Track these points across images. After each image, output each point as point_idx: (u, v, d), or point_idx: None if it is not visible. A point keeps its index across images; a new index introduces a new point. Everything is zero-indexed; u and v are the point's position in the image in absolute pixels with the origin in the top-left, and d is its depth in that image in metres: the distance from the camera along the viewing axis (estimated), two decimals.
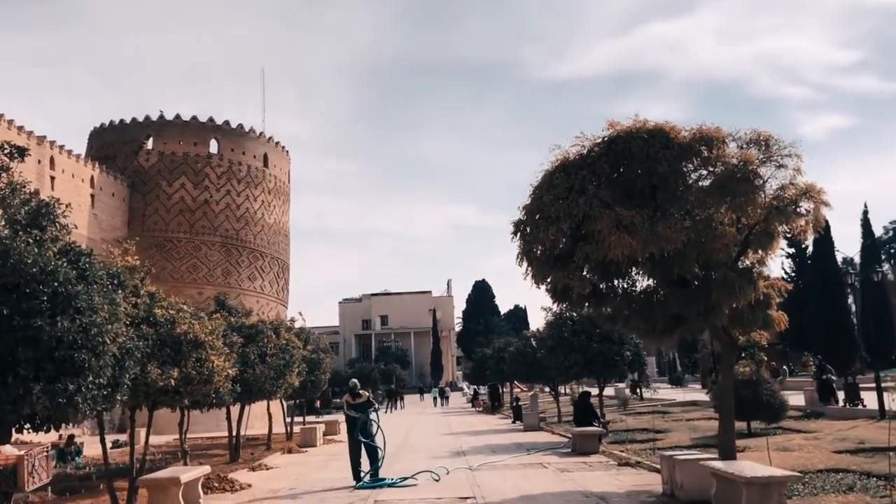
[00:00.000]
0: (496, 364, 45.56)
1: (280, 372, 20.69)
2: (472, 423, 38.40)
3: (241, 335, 20.19)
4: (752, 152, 11.87)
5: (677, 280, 12.61)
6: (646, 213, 11.61)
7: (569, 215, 11.84)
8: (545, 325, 26.93)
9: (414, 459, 19.97)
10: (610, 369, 24.93)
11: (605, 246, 11.53)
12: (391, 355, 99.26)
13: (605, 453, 18.97)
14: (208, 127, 48.26)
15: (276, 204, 51.16)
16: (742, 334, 14.19)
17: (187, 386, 13.46)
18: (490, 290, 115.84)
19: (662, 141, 11.90)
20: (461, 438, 26.91)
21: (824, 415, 25.16)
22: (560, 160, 12.46)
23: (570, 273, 12.35)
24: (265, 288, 49.49)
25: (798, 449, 16.92)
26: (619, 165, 12.18)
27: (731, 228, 11.87)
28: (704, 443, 19.67)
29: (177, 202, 46.64)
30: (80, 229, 40.76)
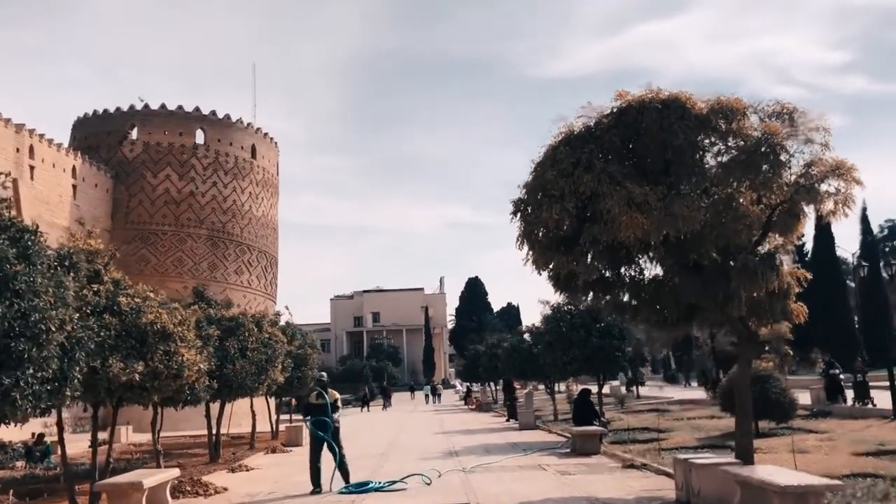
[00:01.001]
0: (489, 361, 44.45)
1: (262, 367, 19.50)
2: (465, 421, 37.26)
3: (221, 328, 19.03)
4: (777, 125, 10.73)
5: (692, 266, 11.48)
6: (660, 190, 10.48)
7: (574, 193, 10.70)
8: (542, 320, 25.79)
9: (404, 460, 18.81)
10: (610, 365, 23.83)
11: (615, 227, 10.39)
12: (383, 352, 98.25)
13: (607, 454, 17.85)
14: (194, 117, 46.95)
15: (264, 196, 49.89)
16: (759, 326, 13.04)
17: (154, 381, 12.28)
18: (483, 288, 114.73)
19: (678, 112, 10.76)
20: (454, 438, 25.76)
21: (832, 414, 24.10)
22: (564, 133, 11.31)
23: (576, 257, 11.20)
24: (252, 282, 48.24)
25: (814, 451, 15.83)
26: (629, 139, 11.04)
27: (755, 208, 10.71)
28: (711, 443, 18.60)
29: (161, 194, 45.36)
30: (61, 220, 39.55)
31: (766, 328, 12.70)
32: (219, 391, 18.41)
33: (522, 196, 11.49)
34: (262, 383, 19.85)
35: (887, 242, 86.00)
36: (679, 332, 14.11)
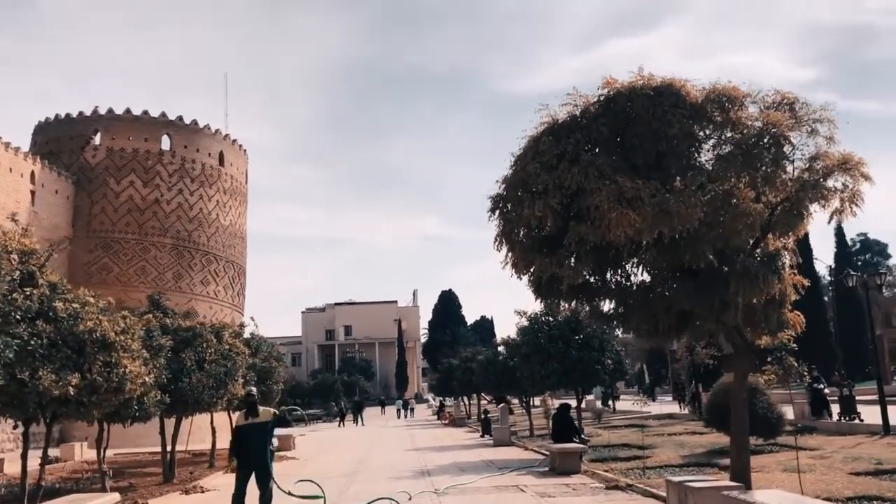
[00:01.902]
0: (463, 375, 43.34)
1: (221, 381, 18.26)
2: (438, 437, 36.09)
3: (177, 339, 17.80)
4: (780, 114, 9.81)
5: (686, 270, 10.51)
6: (652, 185, 9.48)
7: (559, 188, 9.68)
8: (518, 331, 24.73)
9: (371, 481, 17.64)
10: (590, 378, 22.83)
11: (604, 225, 9.38)
12: (355, 366, 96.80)
13: (588, 473, 16.82)
14: (160, 122, 45.52)
15: (231, 205, 48.48)
16: (754, 336, 12.08)
17: (92, 395, 11.07)
18: (456, 301, 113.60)
19: (672, 99, 9.80)
20: (426, 455, 24.59)
21: (817, 429, 23.26)
22: (548, 123, 10.29)
23: (560, 260, 10.16)
24: (219, 293, 46.76)
25: (809, 470, 14.87)
26: (619, 128, 10.05)
27: (758, 205, 9.75)
28: (697, 461, 17.66)
29: (125, 201, 43.82)
30: (17, 228, 37.93)
31: (761, 338, 11.71)
32: (173, 406, 17.20)
33: (501, 192, 10.46)
34: (220, 398, 18.59)
35: (860, 256, 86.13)
36: (669, 342, 13.13)
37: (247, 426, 11.54)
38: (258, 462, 11.37)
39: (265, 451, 11.48)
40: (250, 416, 11.59)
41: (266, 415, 11.76)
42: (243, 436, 11.50)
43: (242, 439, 11.49)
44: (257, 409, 11.75)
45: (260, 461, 11.38)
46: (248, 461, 11.39)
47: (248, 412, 11.71)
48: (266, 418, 11.67)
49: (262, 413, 11.72)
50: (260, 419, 11.60)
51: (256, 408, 11.74)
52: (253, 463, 11.36)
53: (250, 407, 11.75)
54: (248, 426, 11.53)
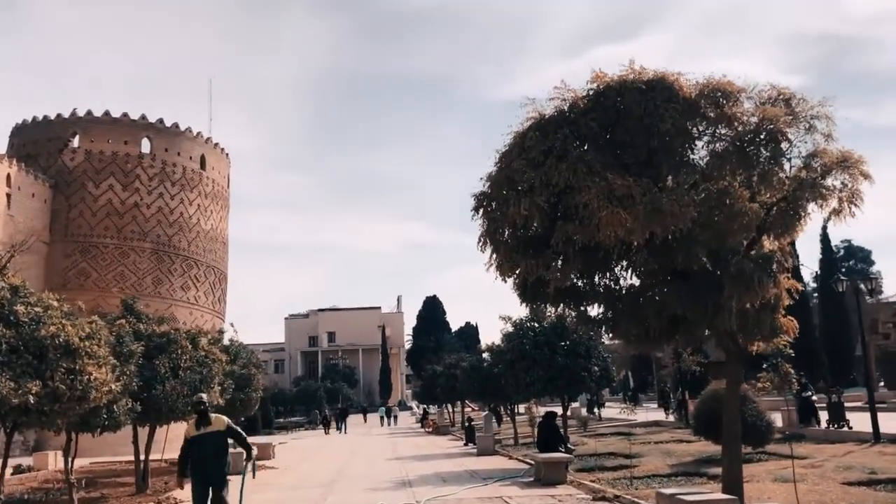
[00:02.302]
0: (447, 382, 42.78)
1: (196, 388, 17.64)
2: (421, 445, 35.51)
3: (151, 344, 17.20)
4: (777, 109, 9.40)
5: (678, 273, 10.08)
6: (644, 183, 9.06)
7: (546, 185, 9.23)
8: (503, 337, 24.24)
9: (350, 491, 17.12)
10: (576, 386, 22.37)
11: (593, 224, 8.94)
12: (338, 373, 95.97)
13: (575, 484, 16.34)
14: (140, 125, 44.76)
15: (213, 209, 47.76)
16: (747, 343, 11.64)
17: (54, 404, 10.49)
18: (441, 307, 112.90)
19: (664, 93, 9.39)
20: (407, 464, 24.04)
21: (806, 437, 22.90)
22: (534, 119, 9.84)
23: (546, 261, 9.70)
24: (200, 298, 46.00)
25: (801, 480, 14.42)
26: (609, 124, 9.62)
27: (754, 205, 9.33)
28: (685, 470, 17.25)
29: (104, 205, 43.02)
30: None
31: (755, 345, 11.29)
32: (145, 415, 16.58)
33: (485, 190, 9.99)
34: None
35: (844, 262, 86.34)
36: (660, 348, 12.65)
37: (199, 437, 10.39)
38: (214, 476, 10.29)
39: (222, 463, 10.42)
40: (202, 426, 10.43)
41: (219, 423, 10.58)
42: (195, 448, 10.38)
43: (195, 452, 10.40)
44: (209, 417, 10.59)
45: (216, 475, 10.32)
46: (204, 476, 10.30)
47: (199, 421, 10.52)
48: (219, 427, 10.51)
49: (214, 421, 10.57)
50: (213, 428, 10.46)
51: (208, 416, 10.60)
52: (209, 477, 10.27)
53: (201, 416, 10.55)
54: (200, 437, 10.39)
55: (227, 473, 10.51)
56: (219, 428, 10.50)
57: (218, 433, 10.46)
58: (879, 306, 54.66)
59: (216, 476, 10.29)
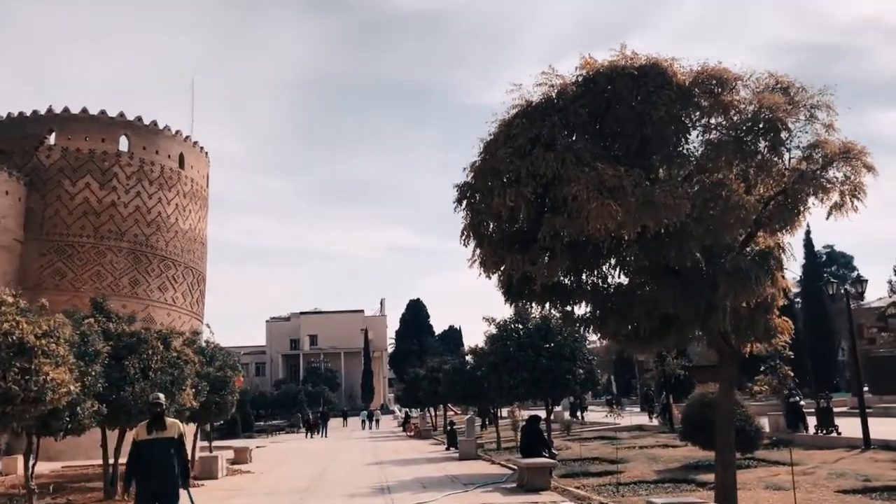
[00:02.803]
0: (430, 385, 42.17)
1: (167, 390, 16.97)
2: (402, 449, 34.91)
3: (121, 344, 16.54)
4: (776, 96, 8.92)
5: (669, 269, 9.57)
6: (636, 174, 8.54)
7: (532, 176, 8.70)
8: (486, 339, 23.67)
9: (326, 498, 16.51)
10: (561, 389, 21.82)
11: (583, 217, 8.40)
12: (320, 376, 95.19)
13: (559, 490, 15.81)
14: (118, 122, 43.75)
15: (192, 208, 46.84)
16: (740, 344, 11.13)
17: (7, 405, 9.84)
18: (425, 310, 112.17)
19: (658, 80, 8.88)
20: (388, 469, 23.44)
21: (794, 443, 22.44)
22: (521, 106, 9.30)
23: (533, 257, 9.14)
24: (178, 299, 45.04)
25: (794, 487, 13.99)
26: (599, 112, 9.10)
27: (751, 197, 8.83)
28: (672, 476, 16.77)
29: (80, 203, 41.97)
30: None
31: (749, 346, 10.80)
32: (114, 417, 15.92)
33: (469, 180, 9.44)
34: (166, 409, 17.25)
35: (826, 268, 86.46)
36: (651, 349, 12.15)
37: (149, 442, 9.30)
38: (164, 487, 9.20)
39: (173, 473, 9.28)
40: (155, 430, 9.36)
41: (173, 429, 9.52)
42: (145, 454, 9.28)
43: (144, 458, 9.28)
44: (164, 421, 9.52)
45: (166, 487, 9.21)
46: (151, 486, 9.21)
47: (151, 425, 9.44)
48: (173, 433, 9.45)
49: (169, 426, 9.51)
50: (167, 434, 9.39)
51: (163, 420, 9.52)
52: (158, 488, 9.19)
53: (155, 418, 9.47)
54: (150, 442, 9.29)
55: (180, 486, 9.35)
56: (172, 434, 9.47)
57: (171, 440, 9.41)
58: (863, 311, 54.55)
59: (166, 489, 9.23)
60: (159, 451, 9.27)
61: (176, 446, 9.39)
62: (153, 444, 9.29)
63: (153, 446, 9.28)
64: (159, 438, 9.33)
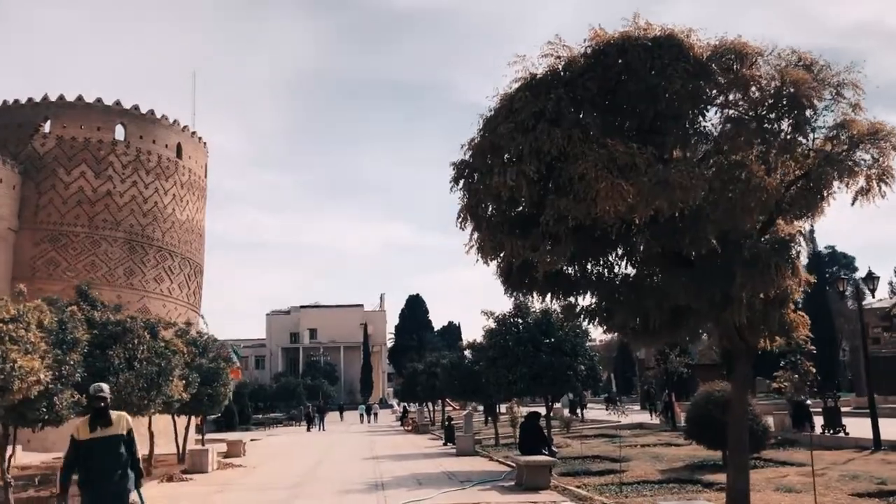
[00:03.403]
0: (428, 380, 41.63)
1: (153, 381, 16.39)
2: (399, 444, 34.32)
3: (105, 333, 15.95)
4: (802, 72, 8.26)
5: (682, 258, 8.93)
6: (649, 152, 7.89)
7: (536, 153, 8.01)
8: (485, 334, 23.04)
9: (318, 494, 15.90)
10: (561, 385, 21.20)
11: (590, 198, 7.73)
12: (319, 370, 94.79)
13: (559, 489, 15.21)
14: (114, 111, 43.20)
15: (189, 199, 46.28)
16: (752, 339, 10.45)
17: None
18: (424, 305, 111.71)
19: (674, 52, 8.20)
20: (383, 465, 22.83)
21: (799, 443, 21.85)
22: (524, 79, 8.64)
23: (535, 242, 8.46)
24: (174, 291, 44.54)
25: (804, 489, 13.38)
26: (609, 86, 8.40)
27: (772, 179, 8.18)
28: (677, 477, 16.14)
29: (75, 192, 41.46)
30: None
31: (765, 342, 10.16)
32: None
33: (466, 158, 8.79)
34: (152, 400, 16.66)
35: (828, 268, 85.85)
36: (661, 343, 11.46)
37: (91, 442, 7.81)
38: (111, 492, 7.78)
39: (125, 476, 7.86)
40: (99, 427, 7.86)
41: (122, 423, 8.01)
42: (88, 456, 7.80)
43: (87, 461, 7.81)
44: (109, 415, 7.96)
45: (113, 491, 7.79)
46: (95, 491, 7.81)
47: (94, 420, 7.93)
48: (119, 430, 7.93)
49: (115, 421, 7.97)
50: (112, 431, 7.88)
51: (108, 414, 7.96)
52: (103, 494, 7.79)
53: (98, 413, 7.95)
54: (93, 441, 7.80)
55: (130, 490, 7.94)
56: (119, 431, 7.92)
57: (117, 438, 7.88)
58: (867, 312, 53.91)
59: (112, 492, 7.79)
60: (106, 452, 7.78)
61: (125, 443, 7.91)
62: (98, 444, 7.79)
63: (98, 446, 7.78)
64: (103, 437, 7.82)
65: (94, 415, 7.96)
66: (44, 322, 11.87)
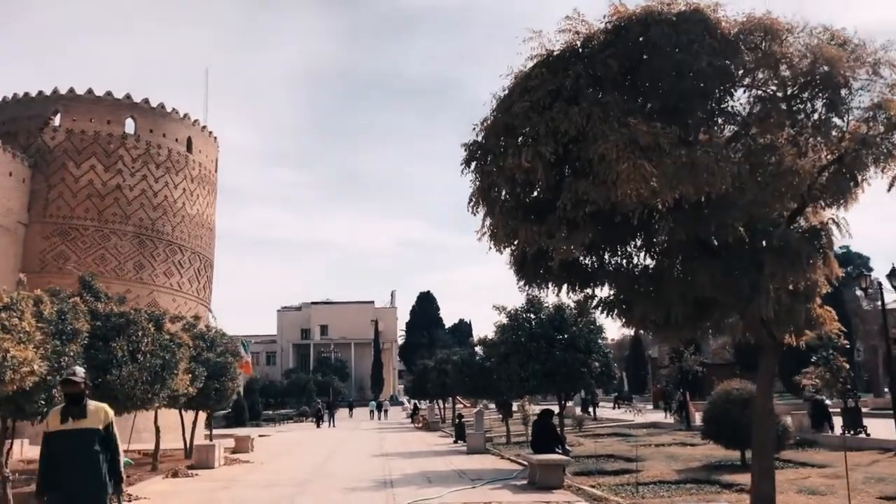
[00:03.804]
0: (438, 377, 41.25)
1: (157, 374, 16.01)
2: (409, 441, 33.94)
3: (109, 325, 15.59)
4: (836, 49, 7.78)
5: (707, 246, 8.47)
6: (673, 132, 7.43)
7: (552, 134, 7.57)
8: (497, 329, 22.56)
9: (324, 492, 15.49)
10: (575, 382, 20.71)
11: (611, 181, 7.28)
12: (330, 366, 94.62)
13: (573, 489, 14.74)
14: (124, 104, 42.88)
15: (199, 193, 45.95)
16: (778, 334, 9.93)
17: None
18: (435, 303, 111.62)
19: (700, 27, 7.74)
20: (392, 462, 22.43)
21: (818, 443, 21.30)
22: (541, 56, 8.18)
23: (550, 229, 8.01)
24: (184, 285, 44.20)
25: (828, 492, 12.90)
26: (631, 64, 7.95)
27: (805, 162, 7.70)
28: (694, 477, 15.65)
29: (85, 186, 41.14)
30: None
31: (791, 337, 9.65)
32: (97, 401, 14.91)
33: (479, 139, 8.33)
34: (156, 394, 16.30)
35: (843, 268, 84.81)
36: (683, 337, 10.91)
37: (64, 434, 6.77)
38: (85, 492, 6.73)
39: (97, 475, 6.74)
40: (72, 418, 6.80)
41: (98, 417, 6.93)
42: (57, 449, 6.80)
43: (56, 456, 6.79)
44: (85, 406, 6.91)
45: (88, 491, 6.74)
46: (68, 491, 6.73)
47: (67, 411, 6.88)
48: (96, 422, 6.86)
49: (92, 413, 6.92)
50: (87, 423, 6.82)
51: (84, 404, 6.91)
52: (76, 494, 6.72)
53: (73, 402, 6.91)
54: (66, 434, 6.77)
55: (107, 493, 6.86)
56: (95, 424, 6.84)
57: (94, 432, 6.80)
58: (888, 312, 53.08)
59: (87, 492, 6.72)
60: (77, 447, 6.70)
61: (102, 439, 6.80)
62: (69, 437, 6.73)
63: (69, 439, 6.72)
64: (76, 430, 6.74)
65: (67, 404, 6.93)
66: (43, 312, 11.52)
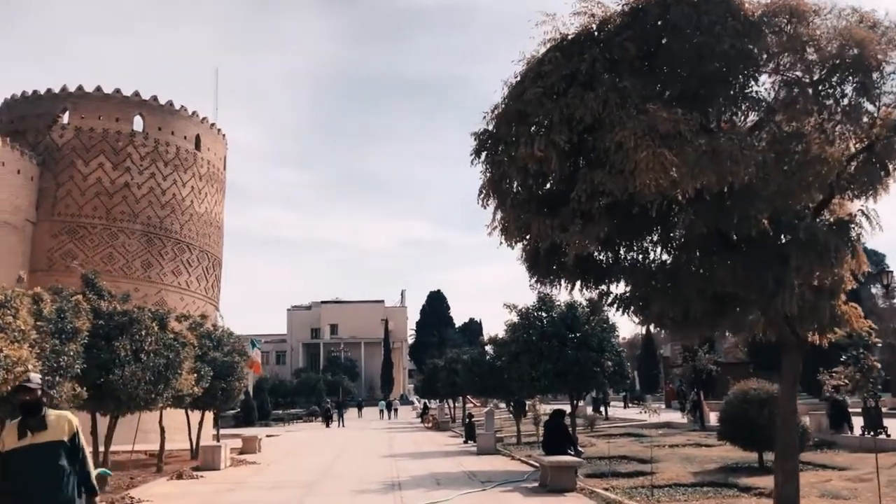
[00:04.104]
0: (448, 376, 40.86)
1: (160, 374, 15.69)
2: (418, 441, 33.57)
3: (112, 324, 15.28)
4: (867, 31, 7.36)
5: (728, 240, 8.07)
6: (694, 119, 7.03)
7: (567, 121, 7.20)
8: (507, 328, 22.16)
9: (330, 494, 15.13)
10: (587, 382, 20.30)
11: (628, 170, 6.90)
12: (340, 366, 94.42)
13: (586, 492, 14.33)
14: (133, 102, 42.62)
15: (207, 191, 45.67)
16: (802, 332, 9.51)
17: None
18: (445, 302, 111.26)
19: (722, 8, 7.34)
20: (401, 463, 22.05)
21: (837, 444, 20.83)
22: (555, 40, 7.79)
23: (564, 222, 7.63)
24: (192, 284, 43.93)
25: (851, 496, 12.45)
26: (650, 46, 7.57)
27: (833, 150, 7.29)
28: (711, 480, 15.21)
29: (93, 184, 40.89)
30: None
31: (814, 335, 9.24)
32: (100, 402, 14.66)
33: (490, 127, 7.95)
34: (160, 394, 15.97)
35: None
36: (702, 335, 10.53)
37: (24, 451, 5.60)
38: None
39: (66, 493, 5.68)
40: (30, 431, 5.64)
41: (60, 428, 5.74)
42: (15, 469, 5.60)
43: (14, 476, 5.59)
44: (44, 416, 5.74)
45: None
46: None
47: (24, 423, 5.70)
48: (61, 434, 5.71)
49: (53, 423, 5.73)
50: (48, 436, 5.66)
51: (42, 415, 5.74)
52: None
53: (29, 413, 5.72)
54: (26, 451, 5.60)
55: None
56: (58, 436, 5.70)
57: (58, 445, 5.69)
58: None
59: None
60: (41, 464, 5.61)
61: (69, 452, 5.74)
62: (29, 454, 5.60)
63: (29, 457, 5.60)
64: (39, 444, 5.62)
65: (24, 416, 5.75)
66: (43, 311, 11.21)
